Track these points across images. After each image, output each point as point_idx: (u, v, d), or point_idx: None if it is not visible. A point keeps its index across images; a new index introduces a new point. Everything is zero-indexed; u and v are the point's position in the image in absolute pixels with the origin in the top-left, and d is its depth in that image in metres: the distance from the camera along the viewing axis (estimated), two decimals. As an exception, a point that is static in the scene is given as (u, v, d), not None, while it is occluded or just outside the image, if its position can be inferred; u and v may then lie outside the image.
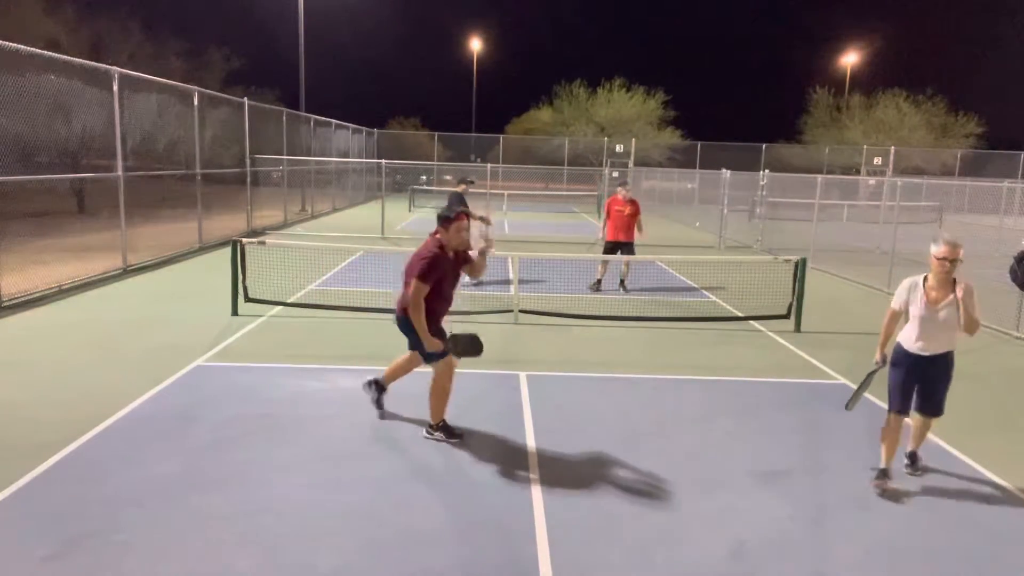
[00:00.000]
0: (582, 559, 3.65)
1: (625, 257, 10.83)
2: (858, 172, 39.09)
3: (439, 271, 4.85)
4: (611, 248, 10.85)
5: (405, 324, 4.96)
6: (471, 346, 5.02)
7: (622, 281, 11.09)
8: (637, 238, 10.90)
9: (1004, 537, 4.04)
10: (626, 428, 5.44)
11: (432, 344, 4.83)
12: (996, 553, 3.87)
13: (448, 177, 37.11)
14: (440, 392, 5.09)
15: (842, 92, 47.44)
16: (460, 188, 11.24)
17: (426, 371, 5.21)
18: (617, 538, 3.85)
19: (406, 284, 4.90)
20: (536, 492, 4.33)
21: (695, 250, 17.17)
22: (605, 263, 11.11)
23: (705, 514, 4.15)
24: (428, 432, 5.14)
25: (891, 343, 4.73)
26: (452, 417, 5.52)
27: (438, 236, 4.97)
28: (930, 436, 5.51)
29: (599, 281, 11.08)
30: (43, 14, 24.41)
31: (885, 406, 6.09)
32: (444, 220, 4.96)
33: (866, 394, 6.43)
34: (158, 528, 3.78)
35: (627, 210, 10.75)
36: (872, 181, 31.07)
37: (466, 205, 10.86)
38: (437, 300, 4.97)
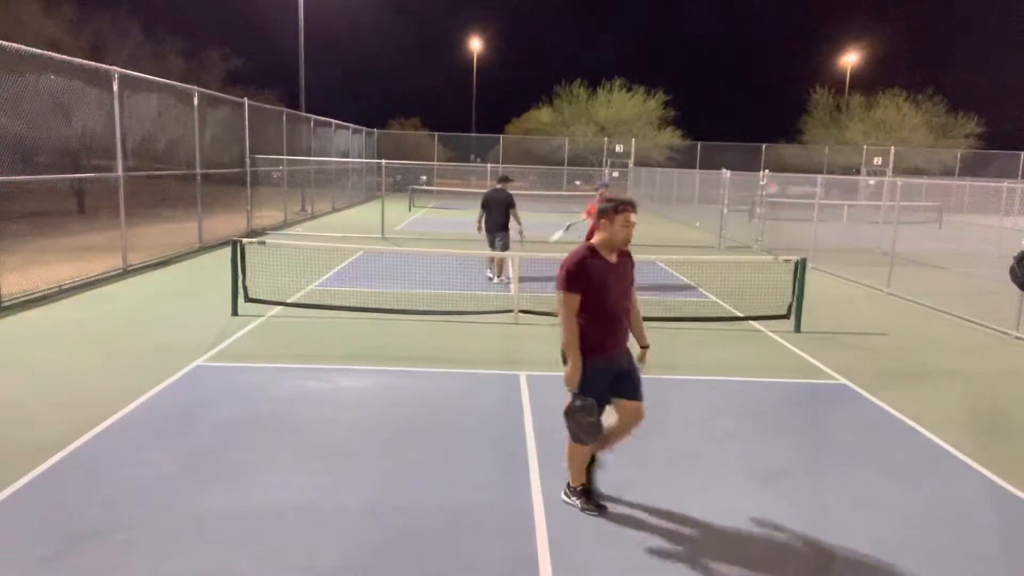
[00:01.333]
0: (582, 559, 3.65)
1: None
2: (858, 172, 39.11)
3: (588, 277, 3.85)
4: None
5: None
6: (584, 426, 3.92)
7: None
8: None
9: (1004, 537, 4.04)
10: (626, 428, 5.43)
11: (574, 369, 3.86)
12: (997, 554, 3.86)
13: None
14: (574, 447, 4.06)
15: (842, 92, 47.49)
16: (501, 186, 11.55)
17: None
18: (617, 538, 3.85)
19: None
20: (536, 492, 4.33)
21: (695, 250, 17.17)
22: None
23: (705, 514, 4.14)
24: (565, 494, 4.21)
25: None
26: (453, 418, 5.52)
27: (594, 239, 4.02)
28: (930, 436, 5.53)
29: None
30: (43, 14, 24.40)
31: (881, 403, 6.12)
32: (604, 212, 3.96)
33: (866, 394, 6.44)
34: (158, 528, 3.78)
35: None
36: (872, 181, 31.09)
37: (508, 197, 11.32)
38: (598, 320, 3.89)
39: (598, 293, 3.86)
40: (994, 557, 3.82)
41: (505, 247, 11.27)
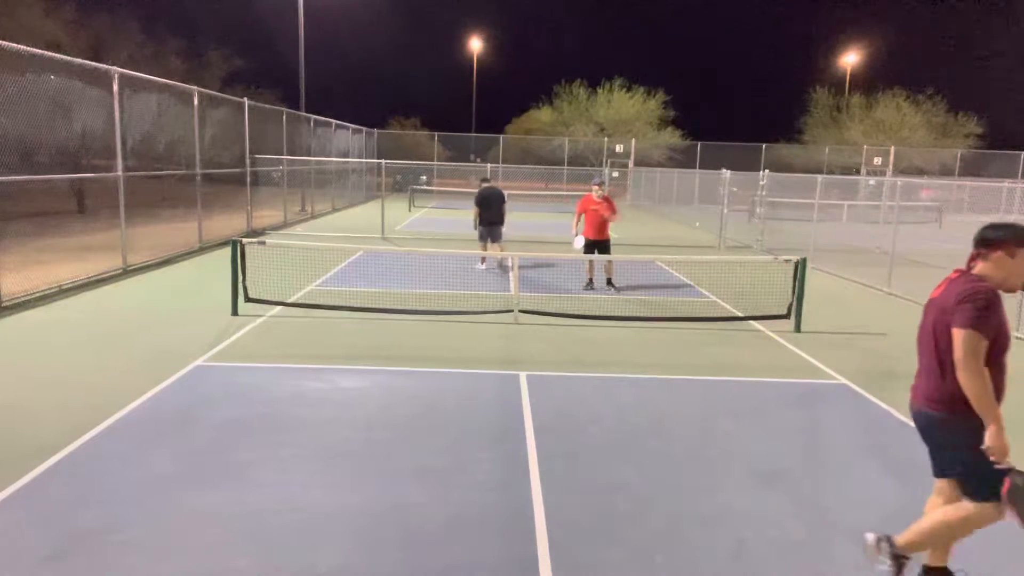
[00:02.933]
0: (582, 559, 3.65)
1: (606, 257, 10.82)
2: (858, 172, 39.12)
3: (999, 319, 3.02)
4: (588, 247, 10.85)
5: (936, 429, 3.19)
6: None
7: (609, 280, 11.07)
8: (609, 219, 10.81)
9: (1004, 538, 4.04)
10: (626, 428, 5.43)
11: (1000, 432, 2.97)
12: (997, 554, 3.86)
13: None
14: (952, 526, 3.22)
15: (842, 92, 47.53)
16: (491, 183, 12.87)
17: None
18: (617, 538, 3.85)
19: (926, 365, 3.21)
20: (536, 492, 4.32)
21: (695, 250, 17.17)
22: (591, 262, 11.15)
23: (705, 514, 4.14)
24: None
25: None
26: (453, 418, 5.52)
27: (977, 270, 3.14)
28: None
29: (590, 280, 11.15)
30: (43, 14, 24.40)
31: (881, 403, 6.13)
32: (1003, 242, 3.07)
33: (866, 394, 6.44)
34: (158, 528, 3.78)
35: (601, 208, 10.70)
36: (872, 181, 31.10)
37: (502, 194, 12.57)
38: (1001, 372, 3.09)
39: (1004, 340, 3.07)
40: (994, 557, 3.82)
41: (498, 237, 12.60)
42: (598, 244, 10.80)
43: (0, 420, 5.15)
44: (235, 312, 8.52)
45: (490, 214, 12.43)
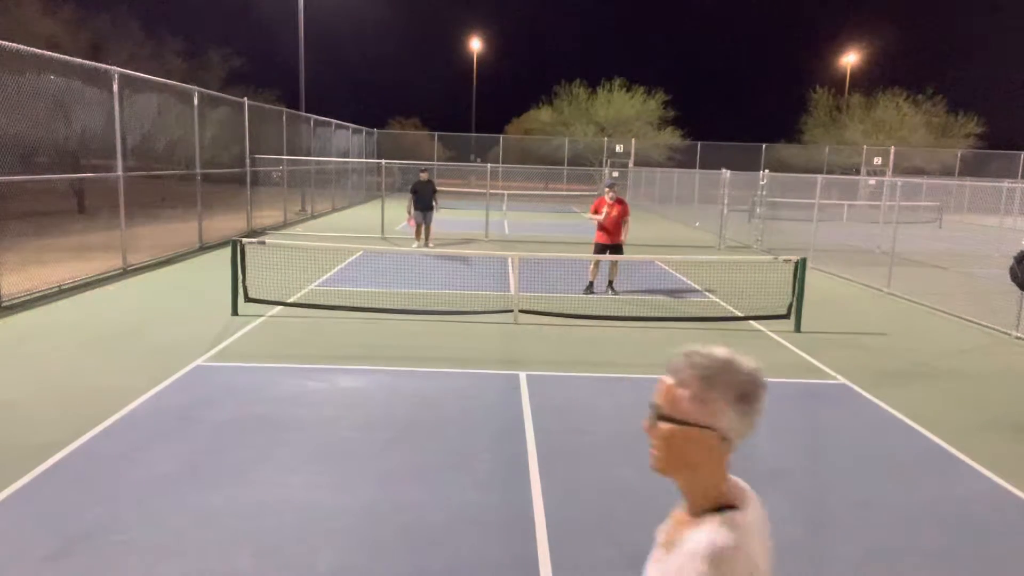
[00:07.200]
0: (582, 559, 3.65)
1: (615, 257, 10.71)
2: (858, 172, 39.13)
3: None
4: (600, 250, 10.73)
5: None
6: None
7: (610, 283, 10.93)
8: (622, 240, 10.76)
9: (1004, 537, 4.04)
10: (626, 428, 5.43)
11: None
12: (995, 553, 3.86)
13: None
14: None
15: (842, 92, 47.51)
16: (426, 177, 15.35)
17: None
18: (617, 538, 3.85)
19: None
20: (536, 492, 4.33)
21: (695, 250, 17.17)
22: (596, 265, 10.99)
23: (705, 514, 4.14)
24: None
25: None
26: (452, 418, 5.53)
27: None
28: (930, 436, 5.53)
29: (591, 284, 10.96)
30: (43, 14, 24.39)
31: (881, 403, 6.13)
32: None
33: (866, 394, 6.44)
34: (158, 528, 3.78)
35: (614, 211, 10.51)
36: (872, 181, 31.10)
37: (433, 186, 15.35)
38: None
39: None
40: (994, 557, 3.82)
41: (430, 221, 15.46)
42: (611, 247, 10.66)
43: (0, 420, 5.15)
44: (235, 312, 8.52)
45: (423, 202, 15.25)
